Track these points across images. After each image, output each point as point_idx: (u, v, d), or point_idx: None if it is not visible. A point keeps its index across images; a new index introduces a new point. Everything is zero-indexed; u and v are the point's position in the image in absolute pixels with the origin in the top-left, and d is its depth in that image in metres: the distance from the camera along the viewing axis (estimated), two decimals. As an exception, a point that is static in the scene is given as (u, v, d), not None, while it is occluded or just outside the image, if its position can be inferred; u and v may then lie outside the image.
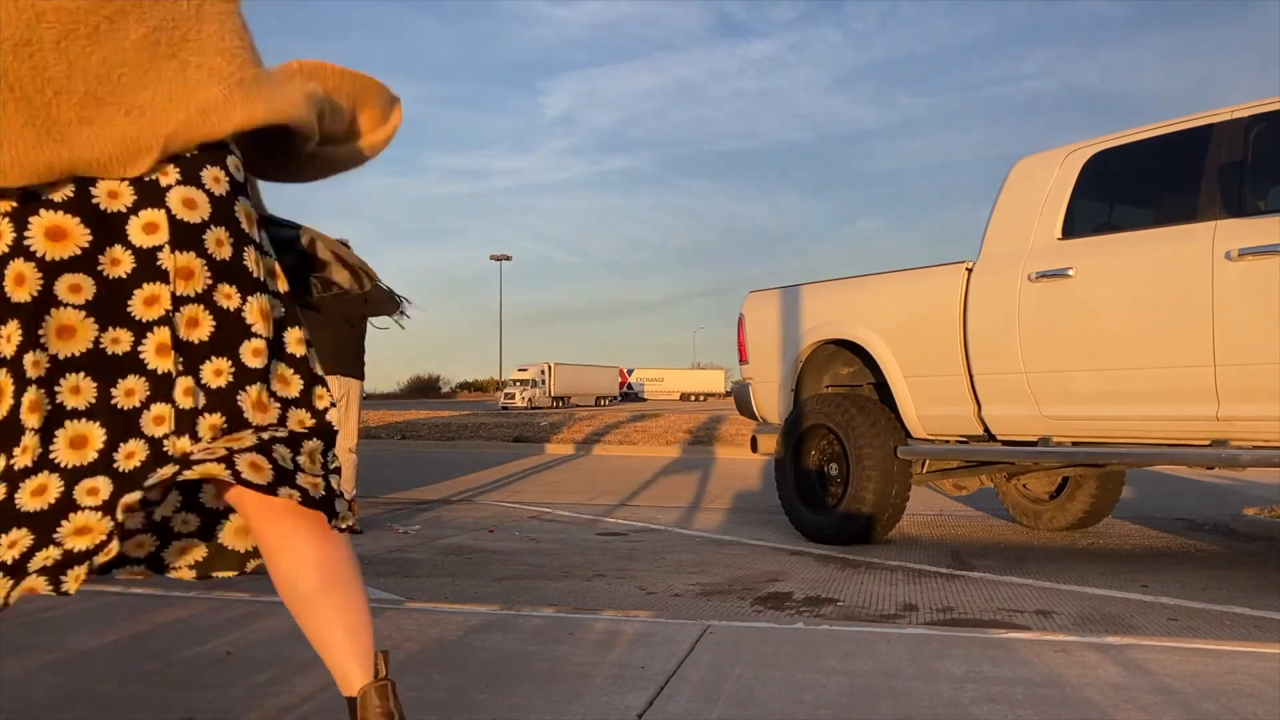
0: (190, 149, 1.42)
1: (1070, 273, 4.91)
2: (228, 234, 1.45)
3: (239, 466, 1.34)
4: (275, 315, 1.49)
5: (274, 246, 1.58)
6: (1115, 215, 5.26)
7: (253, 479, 1.34)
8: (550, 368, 62.93)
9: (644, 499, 8.73)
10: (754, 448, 6.76)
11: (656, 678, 2.46)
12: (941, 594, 4.44)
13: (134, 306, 1.39)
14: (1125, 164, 5.06)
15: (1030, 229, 5.21)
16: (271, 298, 1.50)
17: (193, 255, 1.41)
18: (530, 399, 56.85)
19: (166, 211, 1.40)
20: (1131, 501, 8.07)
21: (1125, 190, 5.22)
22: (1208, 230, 4.41)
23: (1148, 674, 2.52)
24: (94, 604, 3.30)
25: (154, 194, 1.40)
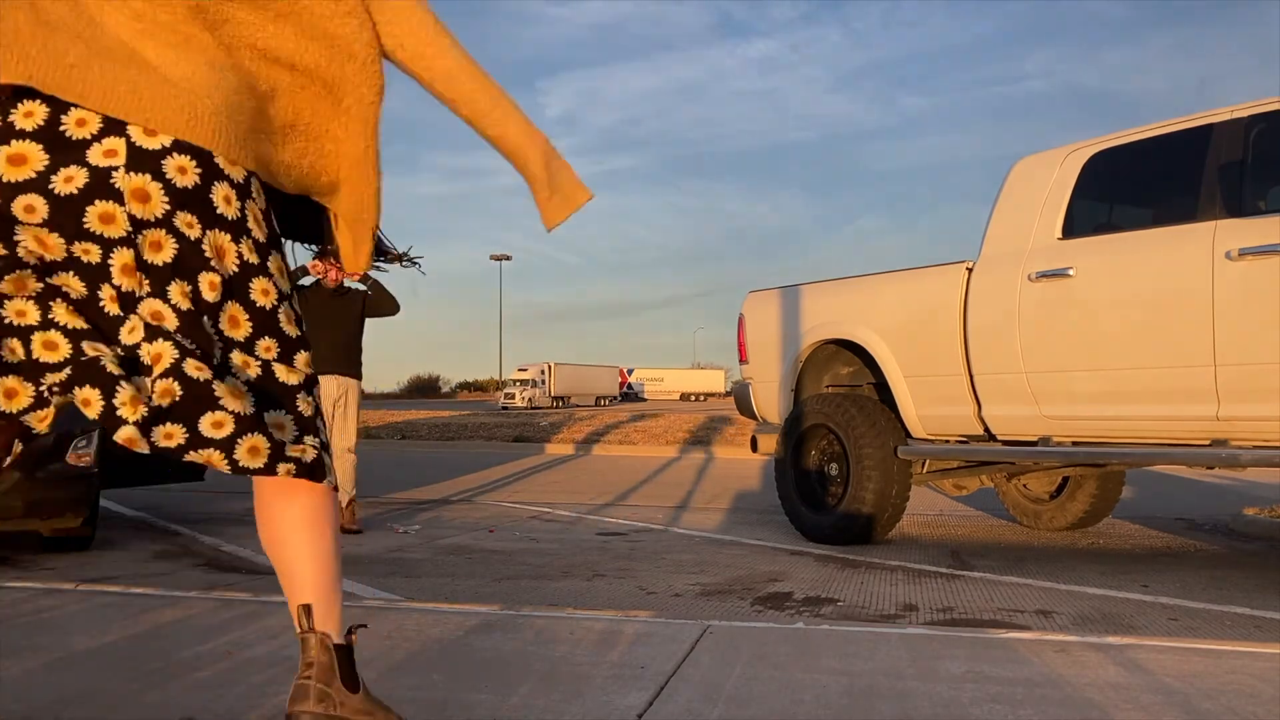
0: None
1: (1070, 273, 4.90)
2: (193, 163, 1.45)
3: (237, 455, 1.45)
4: (245, 260, 1.52)
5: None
6: (1115, 215, 5.26)
7: (250, 465, 1.45)
8: (550, 368, 62.93)
9: (644, 499, 8.73)
10: (754, 448, 6.76)
11: (656, 678, 2.46)
12: (941, 594, 4.44)
13: (90, 221, 1.42)
14: (1125, 164, 5.06)
15: (1030, 229, 5.21)
16: (245, 239, 1.52)
17: (148, 178, 1.43)
18: (530, 399, 56.85)
19: (126, 139, 1.42)
20: (1131, 501, 8.07)
21: (1125, 190, 5.22)
22: (1208, 230, 4.41)
23: (1148, 674, 2.52)
24: (94, 604, 3.30)
25: (118, 125, 1.42)
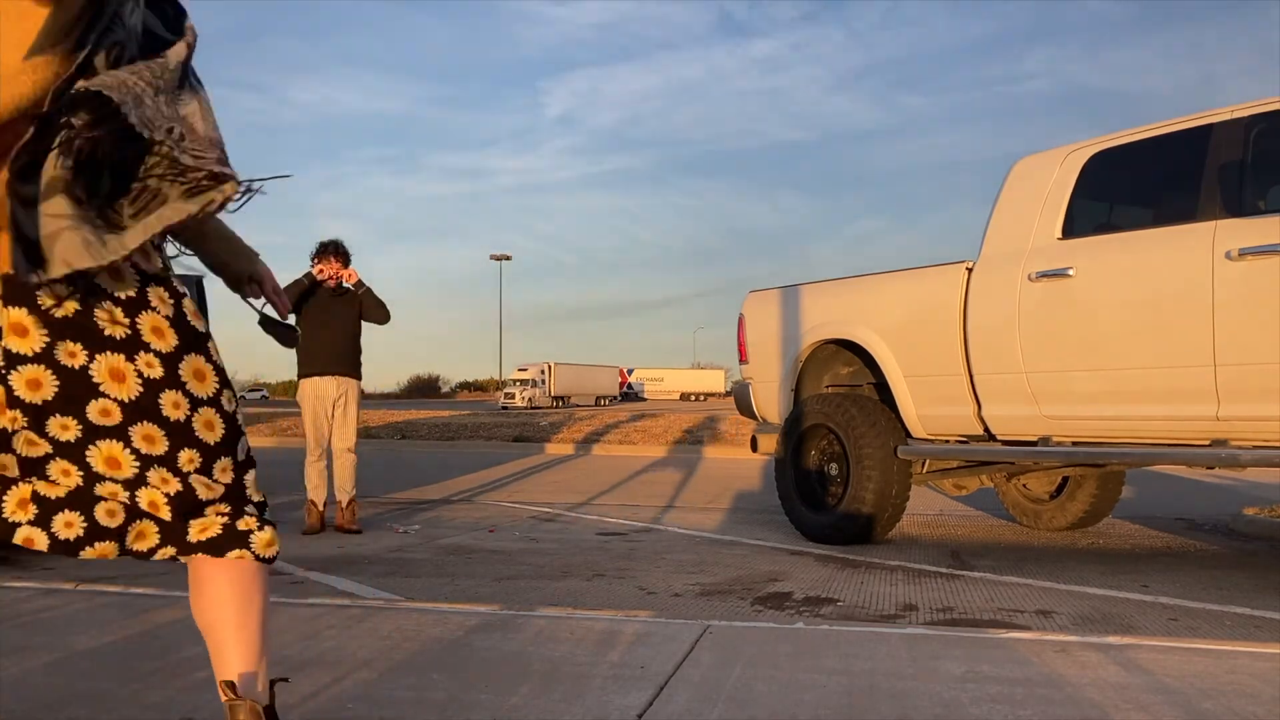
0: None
1: (1070, 272, 4.90)
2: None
3: (190, 538, 1.52)
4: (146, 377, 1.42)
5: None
6: (1115, 215, 5.26)
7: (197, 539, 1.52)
8: (550, 368, 62.91)
9: (644, 499, 8.73)
10: (754, 448, 6.76)
11: (656, 678, 2.46)
12: (941, 594, 4.44)
13: None
14: (1125, 164, 5.06)
15: (1030, 229, 5.21)
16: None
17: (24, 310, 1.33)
18: (530, 399, 56.83)
19: None
20: (1131, 501, 8.07)
21: (1125, 190, 5.22)
22: (1208, 230, 4.41)
23: (1148, 674, 2.52)
24: (94, 604, 3.30)
25: None
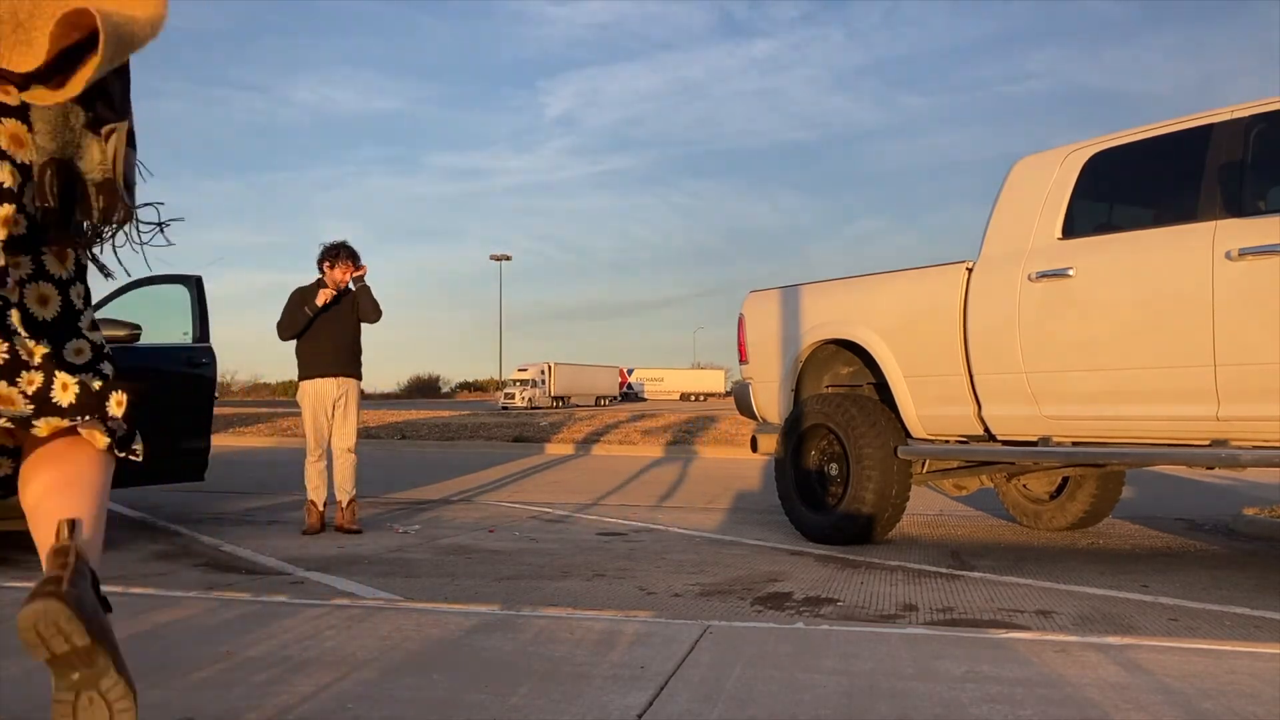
0: None
1: (1070, 273, 4.90)
2: None
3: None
4: None
5: None
6: (1115, 215, 5.26)
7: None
8: (550, 368, 62.89)
9: (644, 499, 8.73)
10: (754, 448, 6.76)
11: (656, 678, 2.46)
12: (941, 594, 4.44)
13: None
14: (1125, 164, 5.06)
15: (1030, 229, 5.21)
16: None
17: None
18: (530, 399, 56.82)
19: None
20: (1131, 501, 8.07)
21: (1125, 190, 5.22)
22: (1208, 230, 4.41)
23: (1148, 674, 2.52)
24: (94, 604, 3.29)
25: None
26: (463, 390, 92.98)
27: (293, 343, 6.52)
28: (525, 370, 61.74)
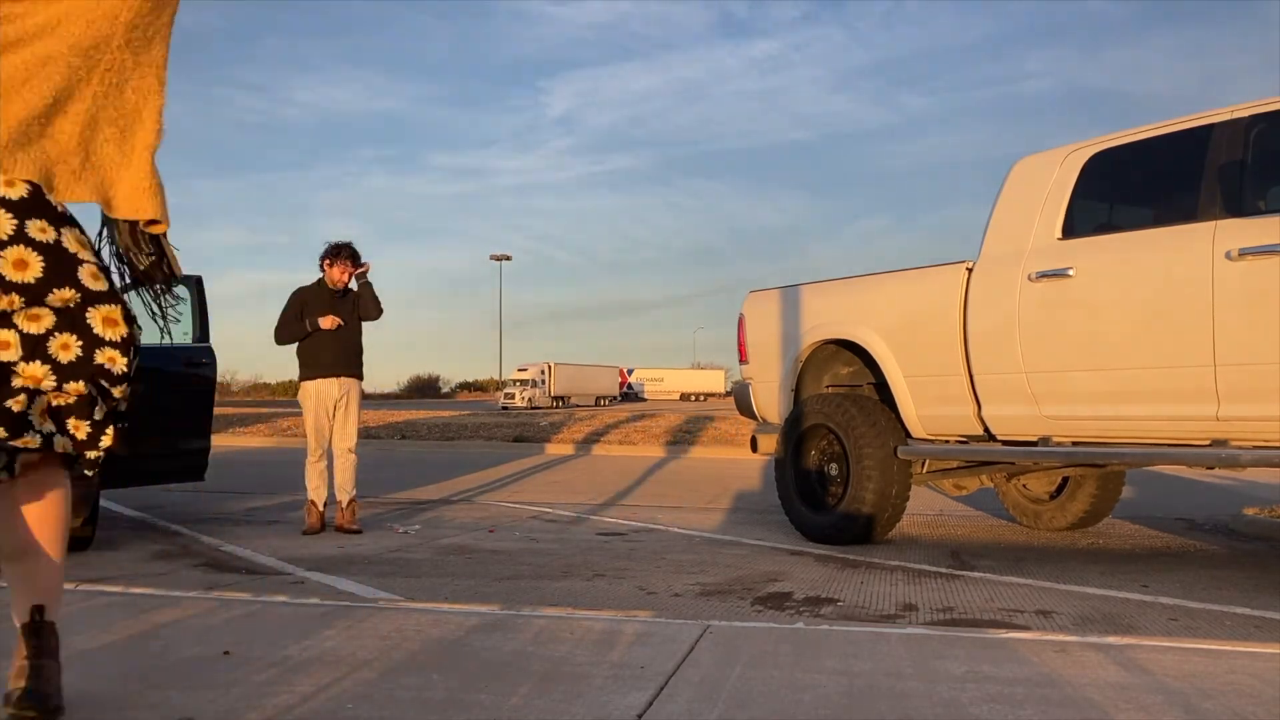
0: None
1: (1070, 273, 4.90)
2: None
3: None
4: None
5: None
6: (1115, 215, 5.26)
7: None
8: (550, 368, 62.90)
9: (644, 499, 8.73)
10: (754, 448, 6.76)
11: (656, 678, 2.46)
12: (941, 594, 4.44)
13: None
14: (1125, 164, 5.06)
15: (1030, 229, 5.21)
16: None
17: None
18: (530, 399, 56.82)
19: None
20: (1131, 501, 8.07)
21: (1125, 190, 5.22)
22: (1208, 230, 4.41)
23: (1148, 674, 2.52)
24: (94, 604, 3.30)
25: None
26: (463, 390, 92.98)
27: (292, 344, 6.52)
28: (525, 370, 61.75)
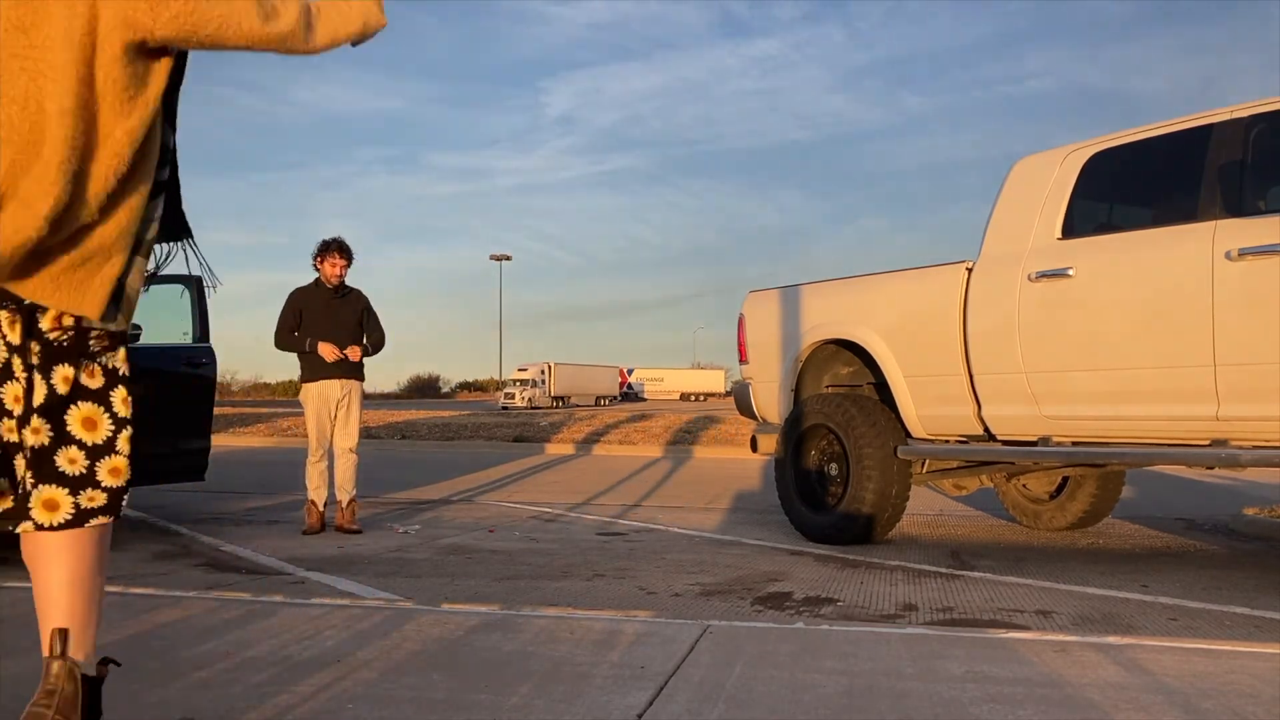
0: None
1: (1070, 273, 4.90)
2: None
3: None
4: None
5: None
6: (1115, 215, 5.26)
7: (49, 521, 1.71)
8: (550, 368, 62.90)
9: (644, 499, 8.74)
10: (754, 448, 6.76)
11: (656, 678, 2.46)
12: (941, 594, 4.44)
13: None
14: (1125, 164, 5.06)
15: (1030, 229, 5.21)
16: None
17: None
18: (530, 399, 56.83)
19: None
20: (1131, 501, 8.07)
21: (1125, 190, 5.22)
22: (1208, 230, 4.41)
23: (1148, 674, 2.52)
24: (94, 604, 3.29)
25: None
26: (463, 390, 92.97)
27: (284, 339, 6.53)
28: (525, 370, 61.75)
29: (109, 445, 1.77)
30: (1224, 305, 4.28)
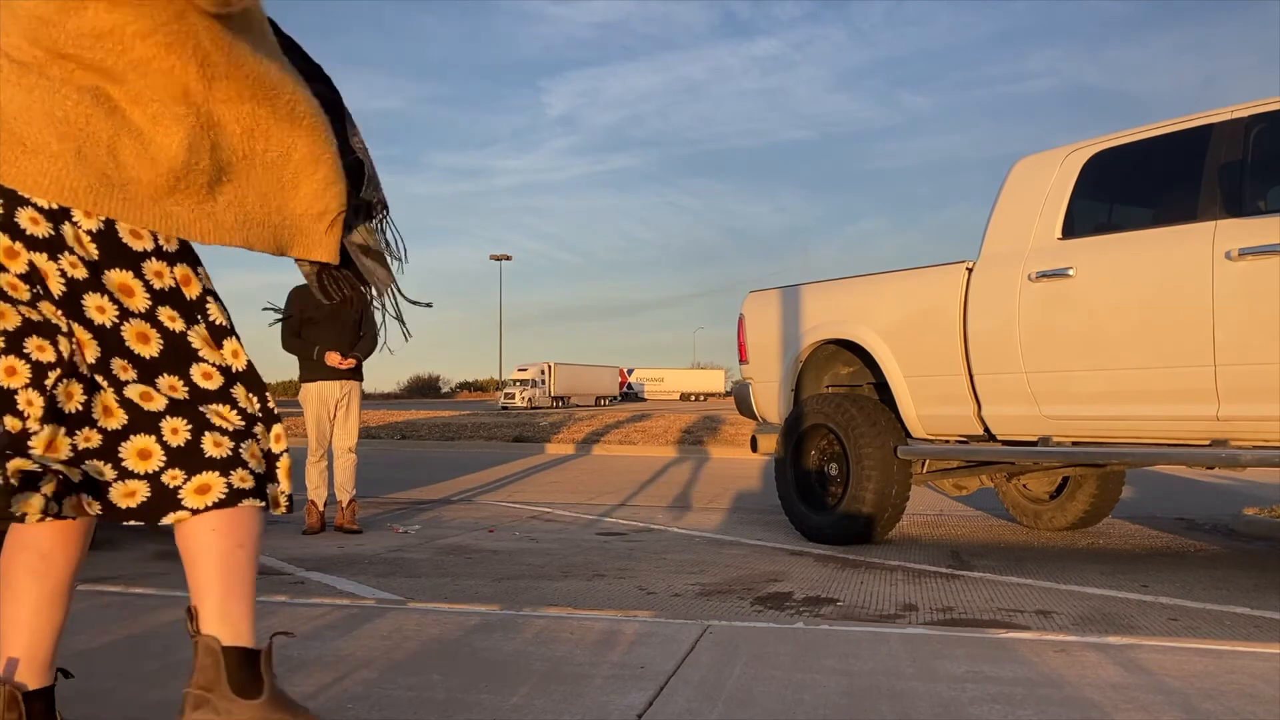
0: None
1: (1070, 273, 4.91)
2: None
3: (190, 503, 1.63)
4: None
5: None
6: (1115, 215, 5.26)
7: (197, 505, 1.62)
8: (550, 368, 62.93)
9: (644, 499, 8.74)
10: (754, 448, 6.76)
11: (656, 678, 2.46)
12: (941, 594, 4.44)
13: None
14: (1125, 164, 5.06)
15: (1030, 229, 5.21)
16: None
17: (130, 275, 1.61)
18: (530, 399, 56.87)
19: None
20: (1131, 501, 8.07)
21: (1125, 190, 5.22)
22: (1208, 230, 4.41)
23: (1148, 674, 2.52)
24: (94, 604, 3.30)
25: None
26: (463, 390, 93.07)
27: (291, 342, 6.53)
28: (525, 370, 61.79)
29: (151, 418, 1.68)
30: (1224, 305, 4.29)
